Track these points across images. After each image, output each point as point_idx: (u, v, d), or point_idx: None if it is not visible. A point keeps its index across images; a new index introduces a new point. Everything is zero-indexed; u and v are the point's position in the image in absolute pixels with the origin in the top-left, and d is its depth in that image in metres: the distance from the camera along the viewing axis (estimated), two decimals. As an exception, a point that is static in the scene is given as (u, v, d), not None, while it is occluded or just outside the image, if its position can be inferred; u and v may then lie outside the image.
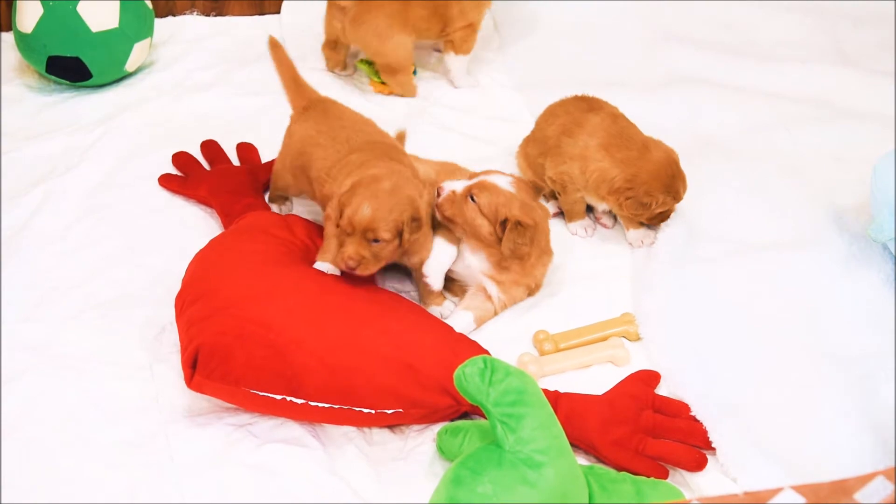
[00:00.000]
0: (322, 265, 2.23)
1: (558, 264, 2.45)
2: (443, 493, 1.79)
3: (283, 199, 2.55)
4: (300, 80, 2.56)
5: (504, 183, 2.28)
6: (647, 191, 2.39)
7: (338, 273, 2.23)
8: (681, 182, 2.43)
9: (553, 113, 2.58)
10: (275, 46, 2.62)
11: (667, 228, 2.46)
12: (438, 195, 2.28)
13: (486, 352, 2.14)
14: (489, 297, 2.31)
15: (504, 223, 2.23)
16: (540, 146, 2.57)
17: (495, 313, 2.32)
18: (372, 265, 2.17)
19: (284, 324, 2.04)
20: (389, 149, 2.34)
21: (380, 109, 2.88)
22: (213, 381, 1.99)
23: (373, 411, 2.02)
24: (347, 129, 2.38)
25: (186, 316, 2.09)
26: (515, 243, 2.23)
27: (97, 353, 2.20)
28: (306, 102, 2.48)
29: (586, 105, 2.55)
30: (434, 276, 2.29)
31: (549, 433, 1.79)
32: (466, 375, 1.79)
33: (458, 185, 2.28)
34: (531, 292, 2.36)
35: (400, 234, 2.17)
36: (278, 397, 1.99)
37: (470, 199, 2.25)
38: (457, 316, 2.28)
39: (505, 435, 1.77)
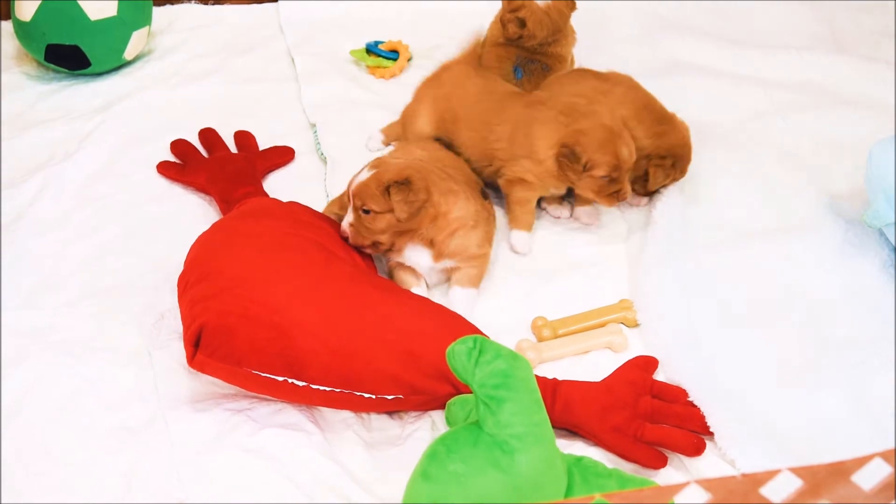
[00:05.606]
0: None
1: (557, 251, 2.45)
2: (418, 465, 1.78)
3: None
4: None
5: (364, 174, 2.21)
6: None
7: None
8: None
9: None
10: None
11: (663, 214, 2.46)
12: (346, 239, 2.25)
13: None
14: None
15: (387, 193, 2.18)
16: None
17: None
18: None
19: (289, 306, 2.04)
20: None
21: (377, 98, 2.88)
22: (216, 360, 1.99)
23: (373, 396, 2.02)
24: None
25: (190, 295, 2.09)
26: (406, 202, 2.16)
27: (95, 340, 2.20)
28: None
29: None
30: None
31: (530, 420, 1.76)
32: (455, 353, 1.78)
33: (346, 217, 2.24)
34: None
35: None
36: (280, 379, 1.99)
37: (362, 214, 2.20)
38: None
39: (486, 416, 1.76)
